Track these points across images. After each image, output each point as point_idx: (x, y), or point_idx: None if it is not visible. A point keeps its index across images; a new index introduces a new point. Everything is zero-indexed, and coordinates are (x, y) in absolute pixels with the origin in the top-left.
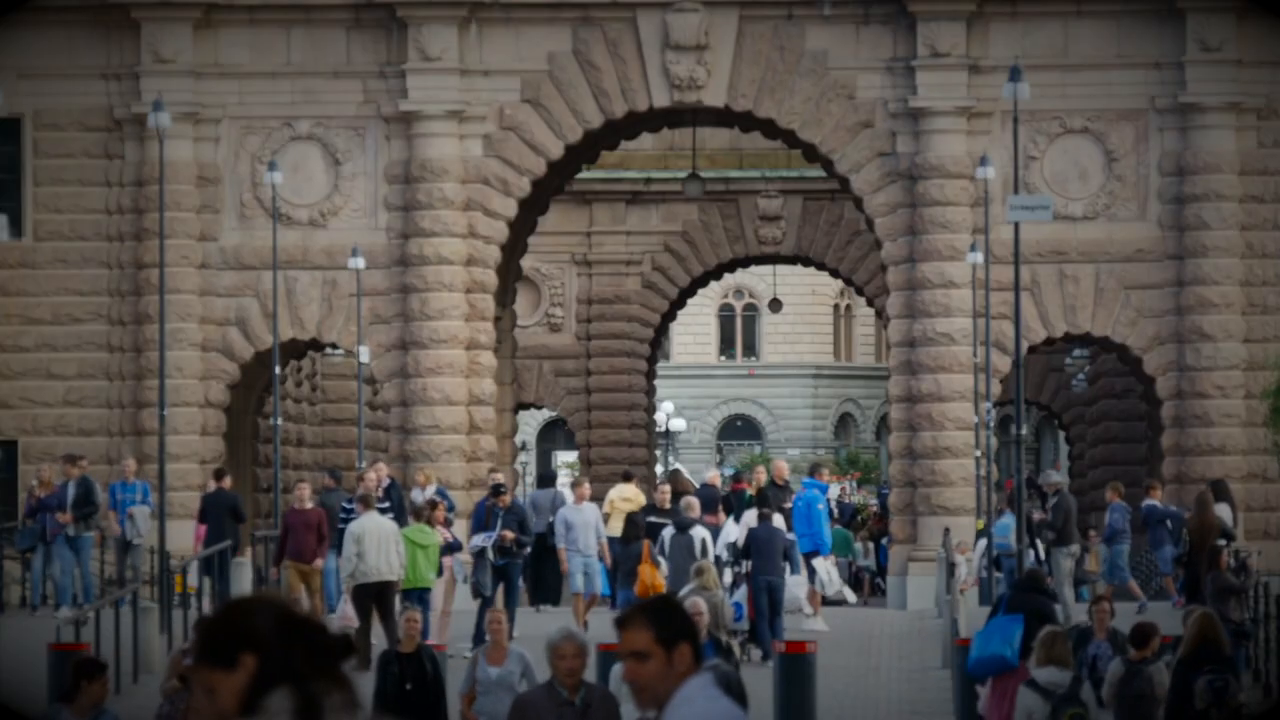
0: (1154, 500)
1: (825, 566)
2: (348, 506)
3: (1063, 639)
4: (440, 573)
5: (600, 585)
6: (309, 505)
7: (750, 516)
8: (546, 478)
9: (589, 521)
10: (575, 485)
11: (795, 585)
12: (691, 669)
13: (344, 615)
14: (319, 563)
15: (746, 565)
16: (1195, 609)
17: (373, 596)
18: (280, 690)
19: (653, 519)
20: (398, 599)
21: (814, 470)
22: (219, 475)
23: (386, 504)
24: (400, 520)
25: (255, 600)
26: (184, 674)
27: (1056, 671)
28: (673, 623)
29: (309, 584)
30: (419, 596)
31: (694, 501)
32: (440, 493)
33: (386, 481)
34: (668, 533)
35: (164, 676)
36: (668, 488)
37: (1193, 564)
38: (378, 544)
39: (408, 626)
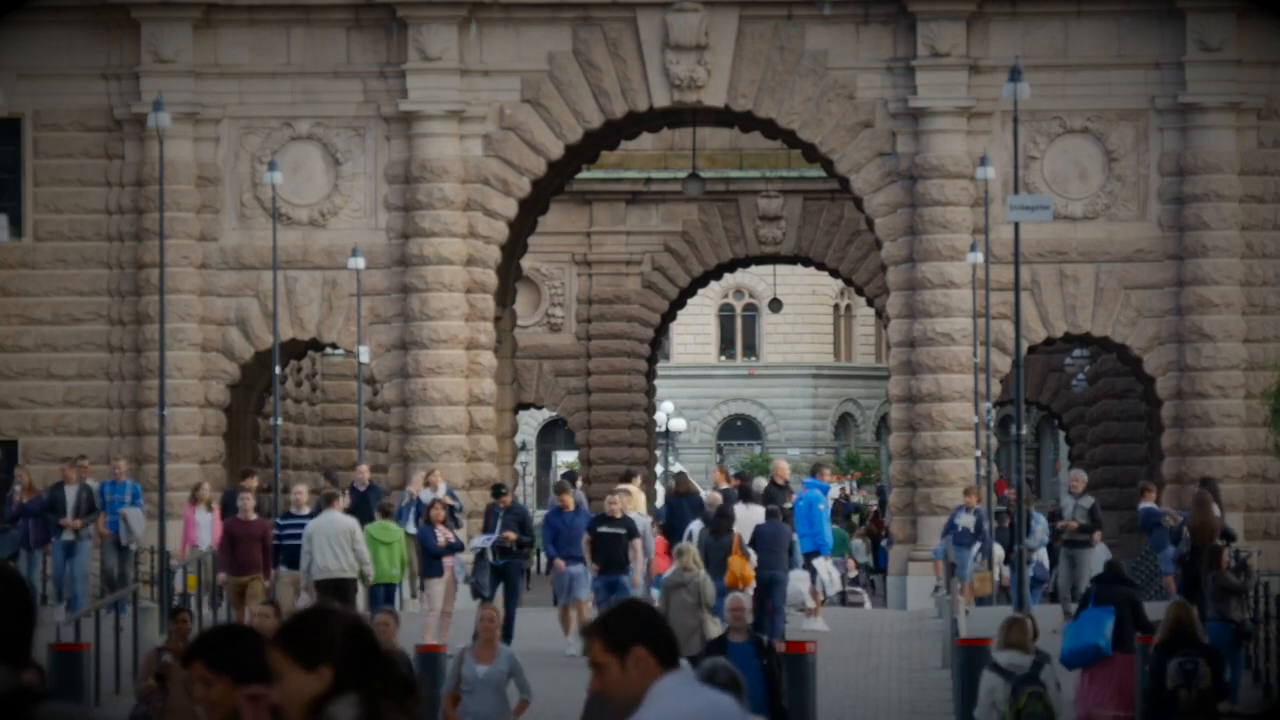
0: (1149, 503)
1: (826, 567)
2: (281, 522)
3: (1023, 624)
4: (432, 571)
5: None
6: (253, 517)
7: (746, 512)
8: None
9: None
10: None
11: (798, 580)
12: (655, 669)
13: None
14: (262, 583)
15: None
16: (1174, 600)
17: (332, 593)
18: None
19: (604, 529)
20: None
21: (816, 470)
22: (245, 475)
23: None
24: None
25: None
26: (160, 673)
27: (1017, 655)
28: (620, 629)
29: (248, 595)
30: (385, 593)
31: (715, 496)
32: (450, 493)
33: (365, 486)
34: (696, 525)
35: (139, 676)
36: (617, 501)
37: (1193, 564)
38: (326, 542)
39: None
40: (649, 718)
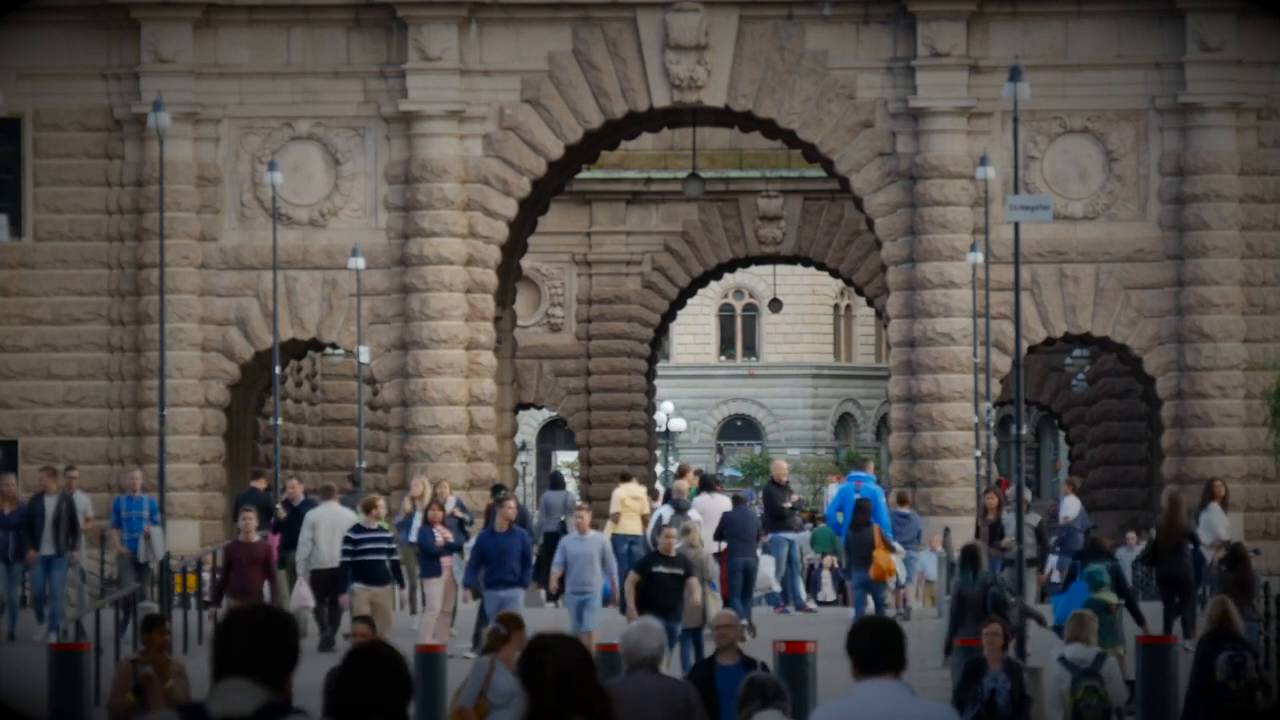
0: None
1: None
2: (355, 536)
3: (1088, 619)
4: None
5: (595, 621)
6: (254, 538)
7: (710, 501)
8: (557, 478)
9: (591, 554)
10: (576, 514)
11: (765, 565)
12: None
13: (301, 598)
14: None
15: (719, 546)
16: (1216, 597)
17: (326, 582)
18: None
19: (660, 569)
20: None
21: (862, 464)
22: (255, 475)
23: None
24: None
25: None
26: (143, 683)
27: (1082, 648)
28: None
29: None
30: None
31: (683, 485)
32: (460, 505)
33: (299, 501)
34: (666, 510)
35: (111, 693)
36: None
37: (1160, 563)
38: (330, 533)
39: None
40: None
